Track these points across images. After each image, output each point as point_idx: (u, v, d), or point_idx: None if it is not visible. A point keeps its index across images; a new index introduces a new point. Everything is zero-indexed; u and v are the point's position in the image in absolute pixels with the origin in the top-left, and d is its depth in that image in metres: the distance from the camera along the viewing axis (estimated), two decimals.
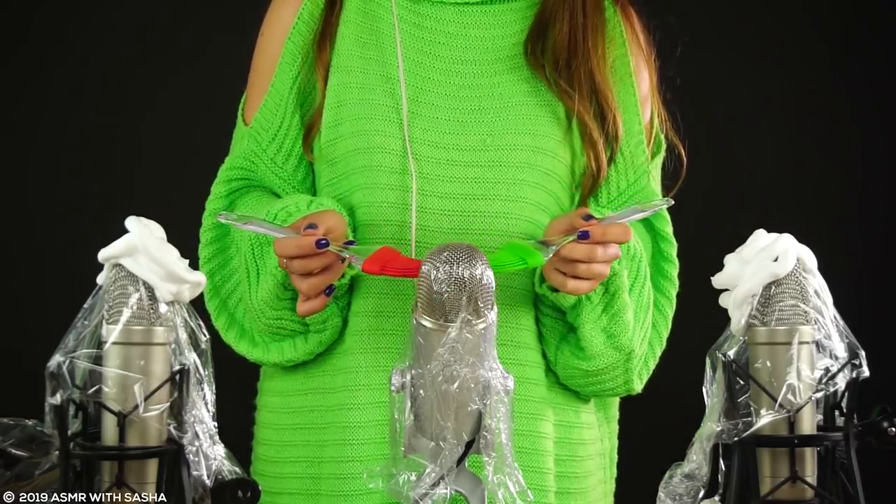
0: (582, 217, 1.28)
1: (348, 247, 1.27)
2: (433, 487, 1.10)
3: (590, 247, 1.27)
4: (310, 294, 1.31)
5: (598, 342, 1.39)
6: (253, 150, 1.47)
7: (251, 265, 1.39)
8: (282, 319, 1.39)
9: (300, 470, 1.43)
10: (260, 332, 1.43)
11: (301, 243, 1.25)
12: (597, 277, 1.31)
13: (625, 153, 1.47)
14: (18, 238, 2.54)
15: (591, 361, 1.40)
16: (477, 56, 1.45)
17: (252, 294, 1.39)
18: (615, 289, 1.37)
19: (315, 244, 1.24)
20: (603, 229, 1.26)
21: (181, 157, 2.47)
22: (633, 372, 1.42)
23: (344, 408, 1.40)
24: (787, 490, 1.06)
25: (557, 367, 1.44)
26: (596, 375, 1.41)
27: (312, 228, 1.26)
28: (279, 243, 1.27)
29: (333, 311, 1.40)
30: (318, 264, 1.28)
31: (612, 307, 1.38)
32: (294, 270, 1.29)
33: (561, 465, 1.43)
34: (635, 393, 1.46)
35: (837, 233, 2.45)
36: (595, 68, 1.45)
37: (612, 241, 1.27)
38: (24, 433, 1.01)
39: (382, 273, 1.20)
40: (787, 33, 2.69)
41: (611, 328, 1.39)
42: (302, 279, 1.29)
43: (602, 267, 1.30)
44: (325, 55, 1.45)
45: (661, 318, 1.47)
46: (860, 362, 1.07)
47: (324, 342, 1.42)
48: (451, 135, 1.41)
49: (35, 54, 2.56)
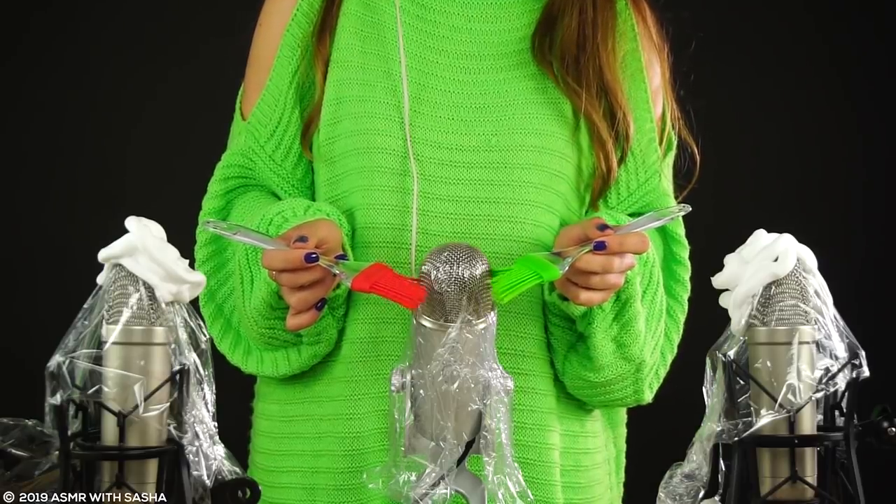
0: (596, 227, 1.23)
1: (339, 262, 1.21)
2: (433, 487, 1.10)
3: (606, 258, 1.22)
4: (300, 308, 1.26)
5: (608, 352, 1.34)
6: (251, 146, 1.44)
7: (245, 271, 1.34)
8: (275, 329, 1.35)
9: (296, 480, 1.40)
10: (254, 341, 1.39)
11: (289, 257, 1.20)
12: (611, 288, 1.27)
13: (635, 152, 1.43)
14: (18, 238, 2.55)
15: (600, 372, 1.36)
16: (482, 51, 1.42)
17: (246, 301, 1.35)
18: (627, 297, 1.32)
19: (304, 258, 1.19)
20: (620, 240, 1.21)
21: (181, 156, 2.47)
22: (644, 382, 1.39)
23: (342, 417, 1.37)
24: (787, 490, 1.06)
25: (565, 377, 1.40)
26: (604, 387, 1.37)
27: (303, 241, 1.21)
28: (268, 256, 1.21)
29: (329, 322, 1.35)
30: (307, 279, 1.23)
31: (623, 316, 1.34)
32: (283, 284, 1.24)
33: (566, 476, 1.40)
34: (645, 402, 1.42)
35: (837, 233, 2.45)
36: (604, 65, 1.40)
37: (629, 251, 1.23)
38: (24, 433, 1.01)
39: (372, 291, 1.14)
40: (786, 33, 2.69)
41: (621, 338, 1.34)
42: (291, 293, 1.25)
43: (617, 277, 1.25)
44: (324, 48, 1.42)
45: (672, 325, 1.44)
46: (860, 362, 1.07)
47: (318, 354, 1.37)
48: (454, 135, 1.38)
49: (31, 56, 2.56)
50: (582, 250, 1.22)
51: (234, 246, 1.40)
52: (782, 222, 1.22)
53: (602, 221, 1.24)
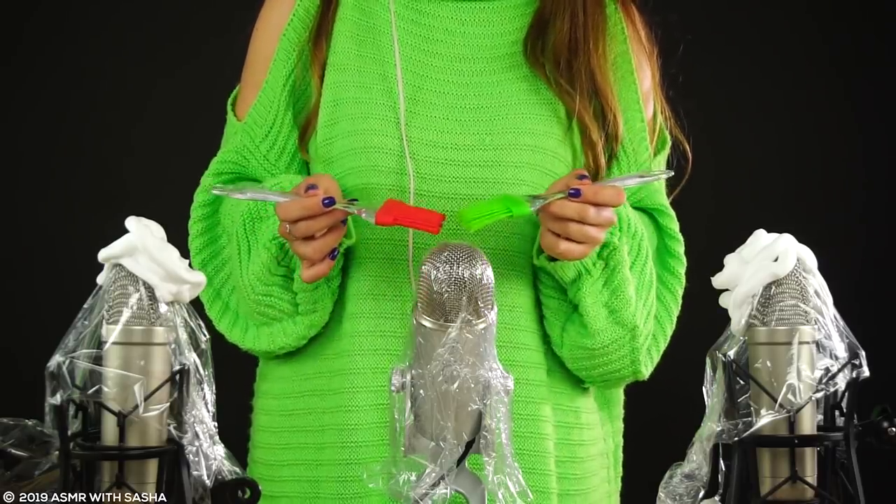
0: (576, 177, 1.29)
1: (354, 202, 1.27)
2: (433, 487, 1.10)
3: (581, 205, 1.27)
4: (315, 258, 1.30)
5: (601, 317, 1.38)
6: (245, 145, 1.46)
7: (242, 242, 1.38)
8: (271, 297, 1.38)
9: (298, 473, 1.42)
10: (250, 315, 1.41)
11: (306, 203, 1.25)
12: (590, 241, 1.30)
13: (627, 151, 1.45)
14: (18, 238, 2.54)
15: (595, 338, 1.39)
16: (475, 54, 1.44)
17: (243, 271, 1.38)
18: (615, 263, 1.37)
19: (321, 202, 1.24)
20: (594, 189, 1.27)
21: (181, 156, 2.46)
22: (640, 352, 1.41)
23: (343, 410, 1.39)
24: (787, 490, 1.06)
25: (563, 349, 1.43)
26: (602, 356, 1.40)
27: (314, 189, 1.26)
28: (283, 207, 1.26)
29: (324, 291, 1.38)
30: (324, 223, 1.27)
31: (612, 281, 1.38)
32: (299, 233, 1.28)
33: (561, 467, 1.42)
34: (642, 378, 1.44)
35: (837, 233, 2.45)
36: (596, 68, 1.43)
37: (603, 202, 1.27)
38: (24, 433, 1.01)
39: (396, 223, 1.22)
40: (786, 32, 2.69)
41: (612, 303, 1.38)
42: (306, 243, 1.29)
43: (595, 231, 1.29)
44: (320, 52, 1.44)
45: (666, 317, 1.46)
46: (860, 362, 1.07)
47: (315, 325, 1.40)
48: (449, 134, 1.40)
49: (30, 56, 2.56)
50: (557, 196, 1.28)
51: (228, 228, 1.42)
52: (782, 222, 1.22)
53: (582, 172, 1.30)
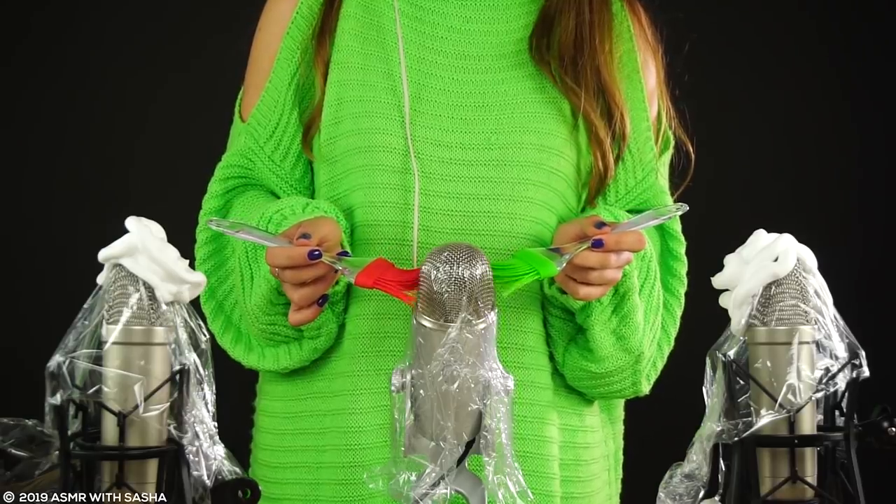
0: (594, 225, 1.25)
1: (342, 258, 1.23)
2: (433, 487, 1.10)
3: (604, 255, 1.25)
4: (302, 304, 1.28)
5: (608, 344, 1.37)
6: (250, 147, 1.45)
7: (245, 268, 1.36)
8: (275, 325, 1.37)
9: (300, 475, 1.42)
10: (255, 337, 1.40)
11: (292, 254, 1.21)
12: (609, 283, 1.29)
13: (632, 150, 1.45)
14: (18, 238, 2.54)
15: (600, 364, 1.38)
16: (480, 51, 1.43)
17: (246, 298, 1.37)
18: (625, 290, 1.35)
19: (307, 255, 1.20)
20: (617, 238, 1.24)
21: (181, 156, 2.47)
22: (642, 374, 1.41)
23: (344, 412, 1.38)
24: (787, 490, 1.06)
25: (565, 368, 1.42)
26: (604, 378, 1.40)
27: (305, 238, 1.22)
28: (270, 253, 1.23)
29: (329, 317, 1.37)
30: (310, 275, 1.24)
31: (622, 309, 1.36)
32: (286, 280, 1.26)
33: (565, 470, 1.42)
34: (642, 395, 1.44)
35: (837, 233, 2.45)
36: (602, 66, 1.42)
37: (625, 249, 1.25)
38: (24, 433, 1.01)
39: (375, 287, 1.16)
40: (786, 33, 2.69)
41: (620, 330, 1.37)
42: (294, 289, 1.26)
43: (614, 273, 1.28)
44: (324, 51, 1.43)
45: (669, 318, 1.45)
46: (860, 362, 1.07)
47: (319, 349, 1.39)
48: (454, 133, 1.39)
49: (33, 57, 2.56)
50: (580, 247, 1.24)
51: (234, 244, 1.41)
52: (782, 222, 1.22)
53: (600, 219, 1.26)
